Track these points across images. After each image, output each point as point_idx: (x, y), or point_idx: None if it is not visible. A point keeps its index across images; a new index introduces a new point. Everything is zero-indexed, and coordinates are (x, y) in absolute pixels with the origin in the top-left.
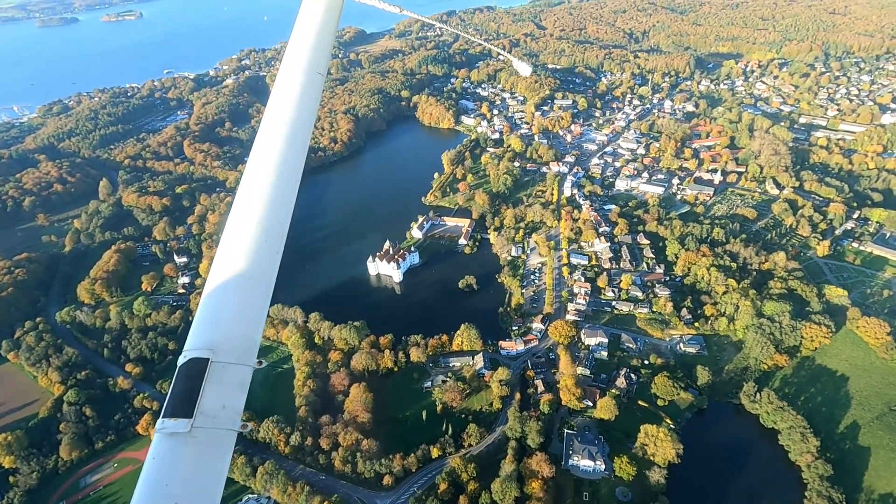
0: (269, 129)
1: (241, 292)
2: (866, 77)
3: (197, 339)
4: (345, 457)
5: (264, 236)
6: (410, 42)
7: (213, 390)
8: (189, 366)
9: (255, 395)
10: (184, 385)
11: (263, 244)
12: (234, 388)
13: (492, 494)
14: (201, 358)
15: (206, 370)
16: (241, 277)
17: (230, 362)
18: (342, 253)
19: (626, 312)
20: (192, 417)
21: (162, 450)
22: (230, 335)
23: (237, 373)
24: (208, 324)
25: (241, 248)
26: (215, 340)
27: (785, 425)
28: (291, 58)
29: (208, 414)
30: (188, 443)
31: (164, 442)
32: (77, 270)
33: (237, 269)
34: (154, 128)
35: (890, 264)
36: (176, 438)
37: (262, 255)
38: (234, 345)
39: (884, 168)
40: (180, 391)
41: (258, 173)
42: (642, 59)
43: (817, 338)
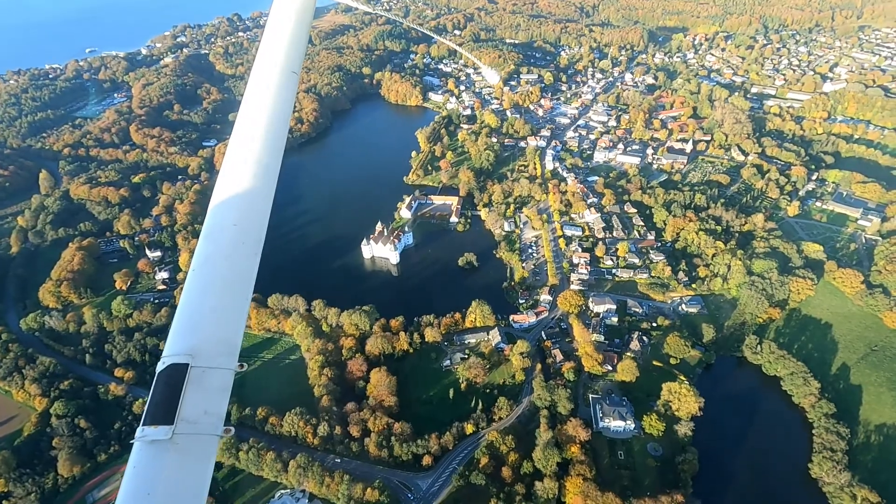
0: (244, 131)
1: (220, 296)
2: (803, 48)
3: (176, 345)
4: (379, 441)
5: (242, 239)
6: (359, 17)
7: (193, 396)
8: (168, 372)
9: (266, 391)
10: (163, 392)
11: (241, 247)
12: (216, 393)
13: (534, 463)
14: (181, 363)
15: (186, 376)
16: (219, 281)
17: (211, 367)
18: (331, 238)
19: (626, 279)
20: (173, 424)
21: (143, 458)
22: (210, 339)
23: (218, 377)
24: (187, 329)
25: (218, 251)
26: (194, 345)
27: (786, 372)
28: (265, 57)
29: (189, 420)
30: (170, 450)
31: (145, 450)
32: (31, 272)
33: (215, 272)
34: (89, 113)
35: (850, 220)
36: (157, 446)
37: (240, 258)
38: (214, 349)
39: (830, 132)
40: (160, 398)
41: (234, 175)
42: (597, 33)
43: (803, 290)
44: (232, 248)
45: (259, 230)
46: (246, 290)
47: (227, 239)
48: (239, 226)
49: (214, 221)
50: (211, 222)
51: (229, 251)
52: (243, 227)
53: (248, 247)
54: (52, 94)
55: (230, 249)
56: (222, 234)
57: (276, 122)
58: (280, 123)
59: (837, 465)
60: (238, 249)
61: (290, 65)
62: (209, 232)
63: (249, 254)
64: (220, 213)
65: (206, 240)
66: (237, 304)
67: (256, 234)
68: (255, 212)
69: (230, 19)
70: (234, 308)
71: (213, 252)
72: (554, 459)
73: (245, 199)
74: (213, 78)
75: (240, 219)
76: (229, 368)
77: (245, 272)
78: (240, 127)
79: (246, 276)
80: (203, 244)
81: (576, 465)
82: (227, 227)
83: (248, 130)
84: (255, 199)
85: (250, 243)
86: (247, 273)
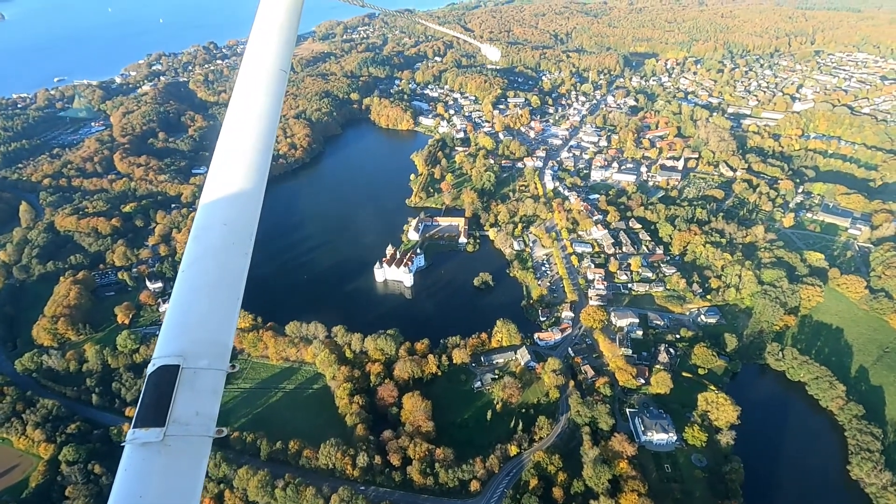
0: (233, 129)
1: (210, 296)
2: (769, 71)
3: (166, 347)
4: (422, 469)
5: (232, 238)
6: (338, 45)
7: (185, 397)
8: (159, 374)
9: (293, 423)
10: (154, 393)
11: (231, 246)
12: (207, 394)
13: (585, 481)
14: (171, 365)
15: (178, 377)
16: (210, 281)
17: (202, 368)
18: (339, 262)
19: (642, 293)
20: (165, 426)
21: (134, 461)
22: (201, 340)
23: (210, 378)
24: (177, 330)
25: (207, 252)
26: (185, 346)
27: (810, 377)
28: (253, 55)
29: (181, 421)
30: (161, 452)
31: (136, 453)
32: (19, 309)
33: (205, 272)
34: (66, 142)
35: (840, 229)
36: (148, 448)
37: (230, 258)
38: (205, 350)
39: (807, 148)
40: (150, 400)
41: (223, 174)
42: (575, 59)
43: (813, 297)
44: (221, 248)
45: (249, 229)
46: (236, 291)
47: (216, 239)
48: (228, 225)
49: (203, 221)
50: (200, 222)
51: (219, 251)
52: (233, 227)
53: (237, 246)
54: (24, 124)
55: (220, 249)
56: (211, 234)
57: (265, 121)
58: (269, 122)
59: (877, 466)
60: (228, 249)
61: (279, 63)
62: (198, 232)
63: (239, 253)
64: (208, 213)
65: (195, 240)
66: (228, 305)
67: (246, 234)
68: (245, 211)
69: (206, 48)
70: (224, 309)
71: (203, 253)
72: (605, 476)
73: (234, 198)
74: (195, 105)
75: (229, 218)
76: (220, 369)
77: (235, 272)
78: (228, 125)
79: (236, 276)
80: (192, 245)
81: (628, 482)
82: (217, 227)
83: (237, 129)
84: (244, 199)
85: (240, 243)
86: (237, 273)
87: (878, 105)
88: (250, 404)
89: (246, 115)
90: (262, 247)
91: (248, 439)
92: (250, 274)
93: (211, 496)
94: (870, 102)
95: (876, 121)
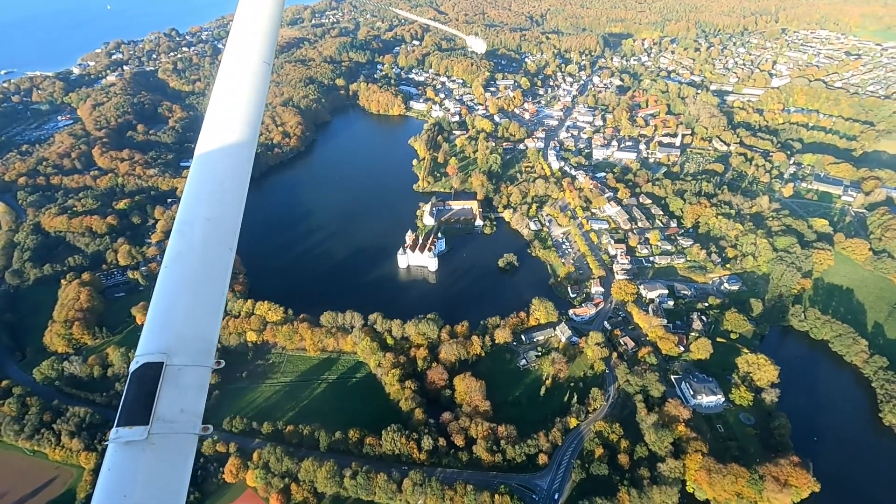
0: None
1: (194, 292)
2: (742, 49)
3: (149, 344)
4: (488, 447)
5: (216, 233)
6: (308, 29)
7: (169, 394)
8: (142, 371)
9: (343, 412)
10: (137, 391)
11: (215, 241)
12: (193, 391)
13: (648, 446)
14: (155, 362)
15: (161, 374)
16: (193, 277)
17: (186, 364)
18: (356, 251)
19: (665, 265)
20: (149, 424)
21: (118, 460)
22: (185, 336)
23: (195, 375)
24: (161, 326)
25: (190, 247)
26: (169, 343)
27: (833, 334)
28: (235, 46)
29: (166, 419)
30: (146, 450)
31: (120, 451)
32: (22, 317)
33: (188, 268)
34: (32, 138)
35: (834, 197)
36: (132, 447)
37: (214, 252)
38: (189, 346)
39: (789, 122)
40: (134, 398)
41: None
42: (555, 40)
43: (824, 261)
44: (205, 244)
45: (233, 223)
46: (221, 286)
47: (199, 233)
48: (212, 220)
49: (186, 216)
50: (182, 217)
51: (202, 246)
52: (216, 221)
53: (221, 241)
54: None
55: (203, 245)
56: (194, 229)
57: (248, 114)
58: (253, 114)
59: None
60: (211, 244)
61: (262, 55)
62: (181, 227)
63: (223, 248)
64: (191, 208)
65: (178, 235)
66: (212, 300)
67: (230, 228)
68: (229, 205)
69: (168, 35)
70: (209, 304)
71: (186, 248)
72: (668, 440)
73: (217, 192)
74: (169, 95)
75: (212, 213)
76: (206, 366)
77: (219, 267)
78: (211, 119)
79: (220, 270)
80: (175, 239)
81: (689, 443)
82: (199, 222)
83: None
84: (228, 192)
85: (224, 238)
86: (221, 268)
87: (848, 79)
88: (295, 398)
89: (229, 108)
90: (274, 238)
91: (304, 432)
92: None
93: (277, 491)
94: (840, 77)
95: (849, 94)
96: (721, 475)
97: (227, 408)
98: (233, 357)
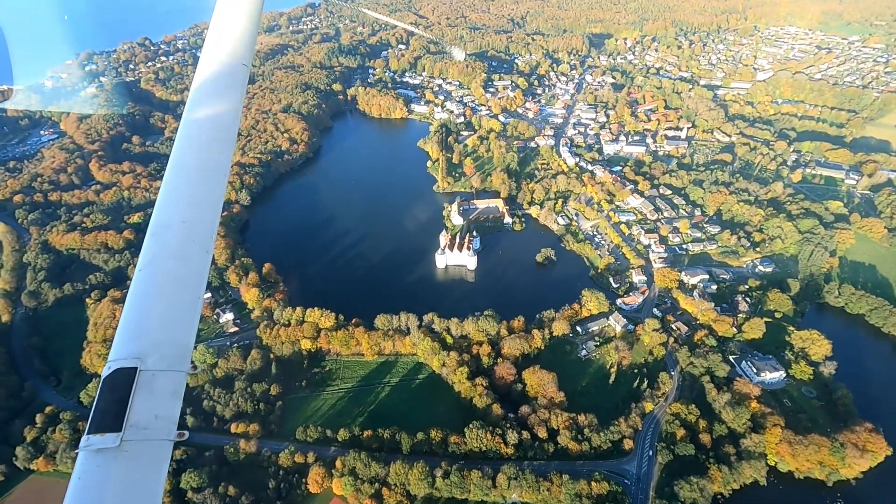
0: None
1: (170, 296)
2: (721, 46)
3: (122, 349)
4: (573, 437)
5: (192, 236)
6: (288, 36)
7: (143, 400)
8: (114, 377)
9: (414, 414)
10: (110, 397)
11: (191, 244)
12: (167, 397)
13: (727, 424)
14: (128, 367)
15: (135, 380)
16: (168, 281)
17: (161, 370)
18: (391, 253)
19: (699, 252)
20: (122, 431)
21: (89, 468)
22: (160, 341)
23: (169, 380)
24: (134, 331)
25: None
26: (143, 348)
27: (868, 308)
28: (212, 49)
29: (139, 426)
30: (118, 458)
31: (91, 460)
32: (47, 340)
33: (162, 272)
34: (17, 154)
35: (839, 181)
36: (104, 455)
37: (189, 256)
38: (164, 351)
39: (780, 112)
40: (106, 404)
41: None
42: (541, 41)
43: (846, 240)
44: (180, 247)
45: (209, 227)
46: (197, 290)
47: (174, 237)
48: (188, 223)
49: (161, 219)
50: (157, 220)
51: (178, 249)
52: (192, 225)
53: (197, 244)
54: None
55: (178, 248)
56: (169, 232)
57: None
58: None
59: None
60: (187, 247)
61: (239, 57)
62: (156, 230)
63: (199, 251)
64: (166, 211)
65: (153, 238)
66: (188, 305)
67: (207, 231)
68: (205, 208)
69: (142, 44)
70: (184, 308)
71: (160, 251)
72: (745, 417)
73: (193, 195)
74: (156, 105)
75: (188, 215)
76: (181, 371)
77: (195, 271)
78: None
79: (196, 274)
80: (149, 242)
81: (767, 418)
82: (175, 225)
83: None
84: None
85: (200, 240)
86: (197, 272)
87: (826, 71)
88: (360, 403)
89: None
90: (304, 245)
91: (384, 436)
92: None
93: (368, 496)
94: (818, 69)
95: (830, 84)
96: (803, 446)
97: (291, 418)
98: (288, 367)
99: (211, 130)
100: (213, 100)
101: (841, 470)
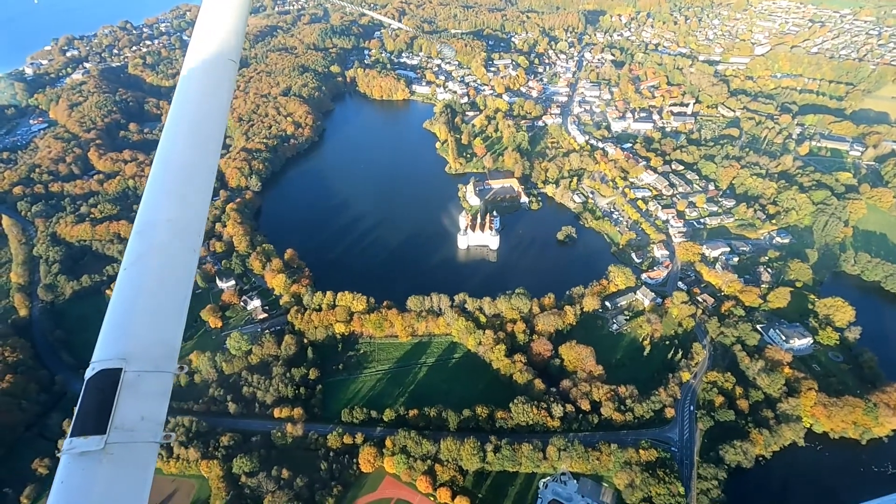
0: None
1: (156, 296)
2: (717, 21)
3: (107, 349)
4: (616, 408)
5: (179, 235)
6: (276, 17)
7: (128, 402)
8: (98, 378)
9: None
10: (93, 399)
11: (177, 243)
12: (154, 398)
13: (763, 390)
14: (113, 368)
15: (120, 381)
16: (154, 280)
17: (147, 370)
18: (410, 235)
19: (716, 225)
20: (106, 433)
21: (72, 472)
22: (146, 342)
23: (156, 381)
24: (119, 332)
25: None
26: (128, 349)
27: (885, 275)
28: (198, 44)
29: (124, 427)
30: (102, 461)
31: (75, 463)
32: (70, 333)
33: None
34: (7, 144)
35: (844, 153)
36: (88, 458)
37: (176, 255)
38: (150, 352)
39: (781, 86)
40: (90, 406)
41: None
42: (536, 19)
43: (858, 210)
44: (167, 245)
45: (197, 224)
46: (184, 288)
47: (160, 235)
48: (173, 221)
49: (146, 217)
50: (143, 218)
51: (164, 248)
52: (179, 223)
53: (184, 242)
54: None
55: (165, 246)
56: (155, 231)
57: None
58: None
59: None
60: (173, 246)
61: (227, 52)
62: (141, 228)
63: (186, 249)
64: (152, 209)
65: (138, 236)
66: (175, 304)
67: (195, 229)
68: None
69: (124, 28)
70: (171, 308)
71: (146, 250)
72: (780, 382)
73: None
74: (148, 91)
75: (175, 214)
76: (168, 371)
77: (183, 269)
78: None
79: (184, 273)
80: (134, 241)
81: (801, 382)
82: (161, 224)
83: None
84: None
85: (187, 238)
86: (185, 270)
87: (820, 44)
88: (400, 383)
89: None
90: (322, 229)
91: (430, 414)
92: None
93: (421, 473)
94: (814, 43)
95: (827, 58)
96: (838, 408)
97: (332, 401)
98: (323, 351)
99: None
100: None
101: (874, 429)
